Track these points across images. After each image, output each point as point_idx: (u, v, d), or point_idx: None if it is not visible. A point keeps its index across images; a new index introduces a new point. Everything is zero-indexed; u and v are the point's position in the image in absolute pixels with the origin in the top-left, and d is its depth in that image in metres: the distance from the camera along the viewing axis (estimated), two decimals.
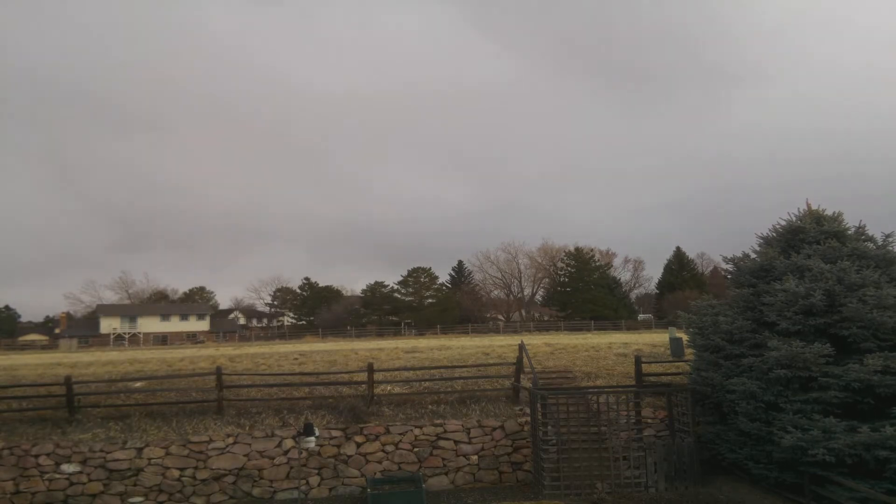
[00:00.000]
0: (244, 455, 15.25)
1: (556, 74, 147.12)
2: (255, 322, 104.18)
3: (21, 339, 74.38)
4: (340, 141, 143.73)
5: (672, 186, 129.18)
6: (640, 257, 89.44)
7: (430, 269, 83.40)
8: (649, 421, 16.44)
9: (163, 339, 71.83)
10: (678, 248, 78.52)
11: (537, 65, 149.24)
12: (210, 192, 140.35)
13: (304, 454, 14.84)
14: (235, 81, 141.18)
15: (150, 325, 78.52)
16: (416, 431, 15.95)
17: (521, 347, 19.67)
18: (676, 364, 18.91)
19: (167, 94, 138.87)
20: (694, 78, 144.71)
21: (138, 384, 18.44)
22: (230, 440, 15.38)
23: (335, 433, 15.71)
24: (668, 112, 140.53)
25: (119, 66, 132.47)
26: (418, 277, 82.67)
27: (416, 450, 15.78)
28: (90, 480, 14.74)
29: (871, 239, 14.66)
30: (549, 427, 15.02)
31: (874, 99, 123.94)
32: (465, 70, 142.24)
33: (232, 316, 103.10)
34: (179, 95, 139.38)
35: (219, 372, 16.91)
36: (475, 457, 15.86)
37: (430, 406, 17.11)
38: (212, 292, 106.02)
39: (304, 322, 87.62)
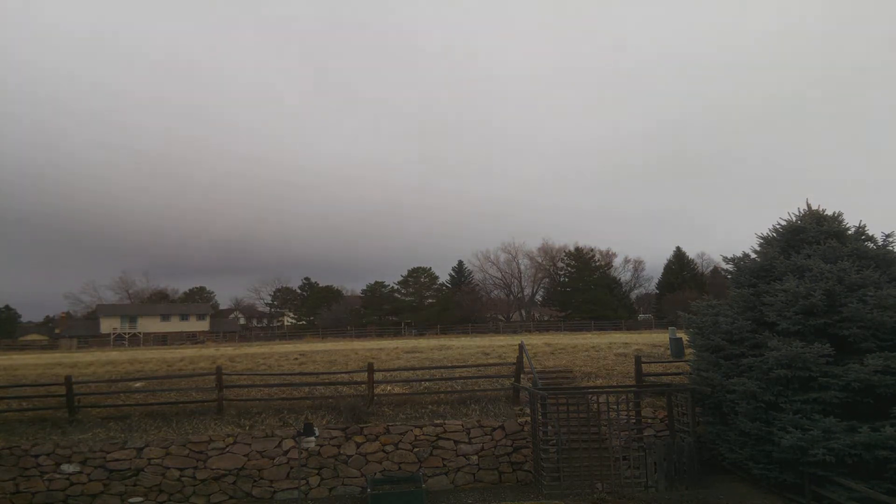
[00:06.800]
0: (244, 455, 15.25)
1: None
2: (255, 322, 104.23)
3: (21, 339, 74.44)
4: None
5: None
6: (640, 257, 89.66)
7: (430, 269, 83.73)
8: (649, 421, 16.44)
9: (163, 340, 71.73)
10: (678, 248, 78.69)
11: None
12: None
13: (304, 454, 14.82)
14: None
15: (150, 325, 78.58)
16: (416, 431, 15.94)
17: (521, 347, 19.66)
18: (676, 364, 18.93)
19: None
20: None
21: (138, 384, 18.46)
22: (230, 440, 15.38)
23: (335, 433, 15.70)
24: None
25: None
26: (418, 277, 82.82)
27: (416, 450, 15.77)
28: (90, 480, 14.74)
29: (872, 239, 14.64)
30: (549, 427, 15.00)
31: None
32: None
33: (232, 316, 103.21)
34: None
35: (219, 372, 16.91)
36: (475, 457, 15.85)
37: (430, 406, 17.11)
38: (212, 292, 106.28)
39: (304, 322, 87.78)
